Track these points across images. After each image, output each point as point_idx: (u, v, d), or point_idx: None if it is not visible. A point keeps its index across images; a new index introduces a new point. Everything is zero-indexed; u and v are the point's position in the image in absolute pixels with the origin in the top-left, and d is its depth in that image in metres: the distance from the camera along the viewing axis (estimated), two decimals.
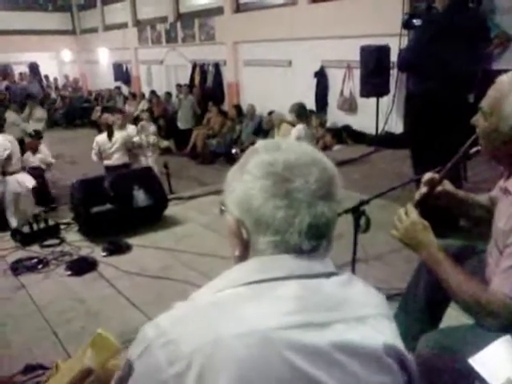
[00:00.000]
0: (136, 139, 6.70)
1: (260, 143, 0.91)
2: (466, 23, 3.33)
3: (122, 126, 6.55)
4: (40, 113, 9.92)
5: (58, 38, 18.07)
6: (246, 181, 0.85)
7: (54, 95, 16.66)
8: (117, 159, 6.39)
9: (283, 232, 0.82)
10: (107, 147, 6.36)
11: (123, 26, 15.14)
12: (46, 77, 17.90)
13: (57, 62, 19.72)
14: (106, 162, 6.41)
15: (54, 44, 17.94)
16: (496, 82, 1.44)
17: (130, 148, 6.56)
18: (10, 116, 9.04)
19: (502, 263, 1.36)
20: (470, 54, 3.35)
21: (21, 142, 8.84)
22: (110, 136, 6.34)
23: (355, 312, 0.84)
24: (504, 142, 1.41)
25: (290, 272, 0.82)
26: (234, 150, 8.91)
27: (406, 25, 5.34)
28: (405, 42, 5.73)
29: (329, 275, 0.86)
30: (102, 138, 6.46)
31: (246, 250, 0.88)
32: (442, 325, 1.86)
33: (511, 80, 1.40)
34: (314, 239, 0.83)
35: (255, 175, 0.84)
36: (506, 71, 1.45)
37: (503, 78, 1.42)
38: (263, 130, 9.20)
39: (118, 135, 6.41)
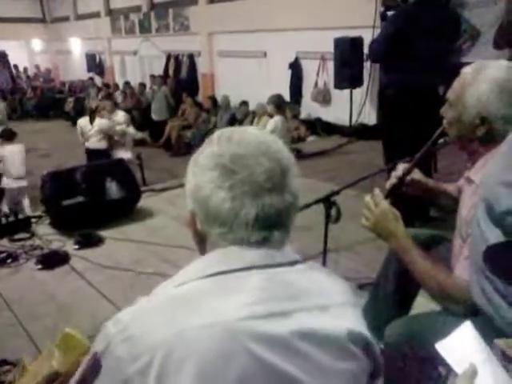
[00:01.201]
0: (120, 127, 7.00)
1: (215, 133, 0.90)
2: (437, 16, 3.37)
3: (111, 112, 7.02)
4: None
5: (27, 26, 17.58)
6: (197, 172, 0.85)
7: (24, 85, 16.26)
8: (93, 142, 6.80)
9: (230, 224, 0.82)
10: (87, 130, 6.81)
11: (96, 15, 14.85)
12: (16, 66, 17.44)
13: (27, 51, 19.19)
14: (86, 144, 6.90)
15: (22, 32, 17.43)
16: (460, 74, 1.47)
17: (112, 135, 6.91)
18: None
19: (465, 251, 1.39)
20: (440, 47, 3.40)
21: None
22: (92, 120, 6.78)
23: (318, 300, 0.84)
24: (467, 131, 1.44)
25: (251, 263, 0.82)
26: None
27: (382, 16, 5.37)
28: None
29: (291, 264, 0.86)
30: (85, 120, 6.92)
31: (202, 241, 0.88)
32: (412, 313, 1.89)
33: (474, 71, 1.43)
34: (264, 230, 0.83)
35: (204, 167, 0.84)
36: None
37: (467, 70, 1.46)
38: (238, 120, 9.18)
39: (98, 121, 6.77)
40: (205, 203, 0.83)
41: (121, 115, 7.24)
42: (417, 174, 1.78)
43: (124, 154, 6.88)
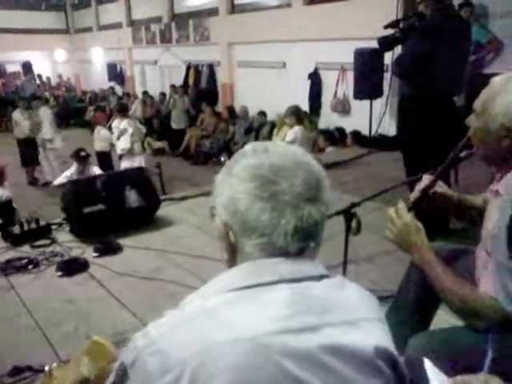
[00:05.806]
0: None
1: (248, 146, 0.91)
2: (456, 28, 3.36)
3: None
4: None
5: (52, 37, 18.01)
6: (232, 184, 0.85)
7: (47, 94, 16.59)
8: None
9: (269, 234, 0.82)
10: None
11: (117, 25, 15.11)
12: (39, 76, 17.82)
13: (50, 62, 19.62)
14: None
15: (47, 43, 17.88)
16: (489, 84, 1.45)
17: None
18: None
19: (490, 265, 1.36)
20: (457, 56, 3.39)
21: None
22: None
23: (346, 315, 0.83)
24: (492, 141, 1.41)
25: (280, 276, 0.82)
26: (222, 158, 8.86)
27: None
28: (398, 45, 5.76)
29: (319, 278, 0.86)
30: None
31: (234, 254, 0.89)
32: (432, 327, 1.86)
33: (502, 81, 1.41)
34: (301, 241, 0.83)
35: (241, 178, 0.84)
36: (497, 75, 1.47)
37: (495, 79, 1.44)
38: (254, 129, 9.22)
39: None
40: (242, 215, 0.83)
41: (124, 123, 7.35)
42: (441, 187, 1.75)
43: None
